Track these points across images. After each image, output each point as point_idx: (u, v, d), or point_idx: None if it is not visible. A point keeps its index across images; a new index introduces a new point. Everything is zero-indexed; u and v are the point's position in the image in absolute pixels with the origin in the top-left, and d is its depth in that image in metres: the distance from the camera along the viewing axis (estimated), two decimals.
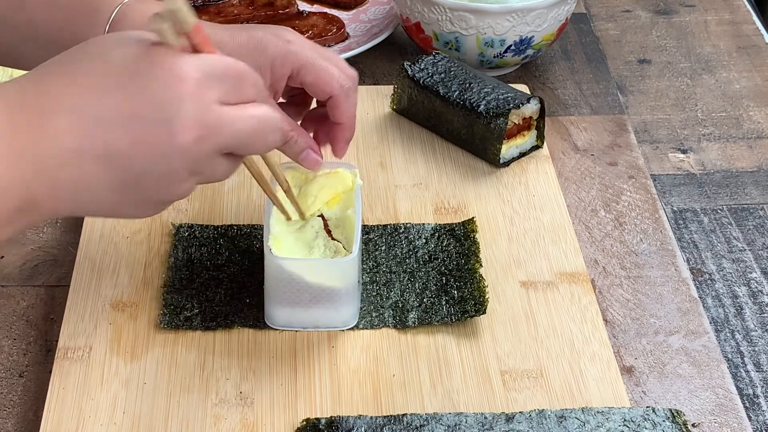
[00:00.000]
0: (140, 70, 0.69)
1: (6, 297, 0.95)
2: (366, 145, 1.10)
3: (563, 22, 1.21)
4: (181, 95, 0.69)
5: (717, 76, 1.26)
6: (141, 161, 0.70)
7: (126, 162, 0.69)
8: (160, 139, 0.69)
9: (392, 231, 0.99)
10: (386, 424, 0.82)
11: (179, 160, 0.70)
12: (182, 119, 0.69)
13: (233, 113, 0.72)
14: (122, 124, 0.69)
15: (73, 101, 0.69)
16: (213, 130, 0.70)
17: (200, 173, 0.73)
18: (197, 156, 0.71)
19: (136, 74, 0.69)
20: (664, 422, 0.83)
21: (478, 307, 0.91)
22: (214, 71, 0.71)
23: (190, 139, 0.69)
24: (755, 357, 0.92)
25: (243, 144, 0.73)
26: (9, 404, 0.87)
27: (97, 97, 0.69)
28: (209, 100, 0.70)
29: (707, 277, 0.99)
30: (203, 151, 0.71)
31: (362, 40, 1.27)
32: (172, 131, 0.69)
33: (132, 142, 0.69)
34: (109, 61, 0.70)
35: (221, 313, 0.91)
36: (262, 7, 1.32)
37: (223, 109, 0.71)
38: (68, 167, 0.69)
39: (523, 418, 0.83)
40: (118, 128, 0.69)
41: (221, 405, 0.85)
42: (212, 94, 0.70)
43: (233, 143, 0.72)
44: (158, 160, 0.70)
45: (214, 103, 0.70)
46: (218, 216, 1.02)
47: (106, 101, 0.69)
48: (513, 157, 1.09)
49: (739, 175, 1.11)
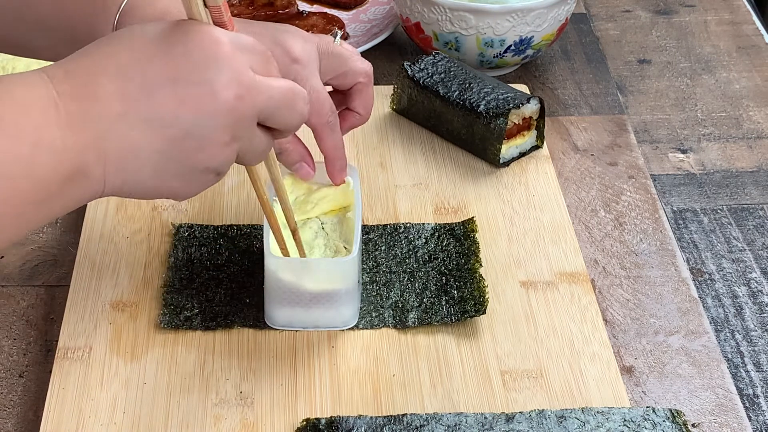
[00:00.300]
0: (177, 38, 0.71)
1: (6, 297, 0.95)
2: (366, 145, 1.10)
3: (563, 22, 1.21)
4: (219, 57, 0.71)
5: (717, 76, 1.26)
6: (186, 121, 0.71)
7: (172, 123, 0.71)
8: (203, 97, 0.71)
9: (392, 231, 0.99)
10: (386, 424, 0.82)
11: (222, 118, 0.72)
12: (222, 78, 0.71)
13: (266, 79, 0.74)
14: (166, 86, 0.70)
15: (117, 66, 0.71)
16: (251, 90, 0.72)
17: (240, 138, 0.74)
18: (238, 116, 0.72)
19: (174, 41, 0.71)
20: (664, 422, 0.83)
21: (478, 307, 0.91)
22: (244, 43, 0.73)
23: (231, 97, 0.71)
24: (755, 357, 0.92)
25: (278, 110, 0.74)
26: (9, 404, 0.87)
27: (140, 63, 0.71)
28: (244, 63, 0.72)
29: (707, 277, 0.99)
30: (243, 111, 0.72)
31: (362, 40, 1.27)
32: (214, 89, 0.71)
33: (177, 103, 0.71)
34: (146, 34, 0.72)
35: (221, 313, 0.92)
36: (262, 7, 1.32)
37: (257, 75, 0.73)
38: (116, 132, 0.70)
39: (523, 418, 0.83)
40: (162, 91, 0.70)
41: (221, 405, 0.85)
42: (246, 60, 0.72)
43: (270, 108, 0.74)
44: (203, 119, 0.71)
45: (248, 68, 0.73)
46: (218, 216, 1.02)
47: (149, 67, 0.71)
48: (513, 157, 1.09)
49: (739, 175, 1.11)
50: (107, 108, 0.70)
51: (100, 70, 0.70)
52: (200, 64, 0.71)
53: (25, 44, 0.92)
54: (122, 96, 0.70)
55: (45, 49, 0.91)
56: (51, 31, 0.89)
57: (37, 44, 0.91)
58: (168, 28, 0.72)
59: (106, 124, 0.70)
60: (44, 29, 0.90)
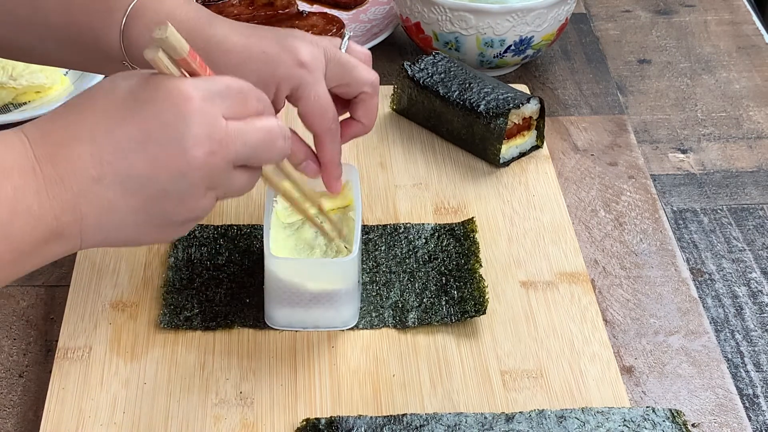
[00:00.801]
0: (146, 96, 0.72)
1: (6, 297, 0.95)
2: (366, 145, 1.10)
3: (563, 22, 1.21)
4: (187, 113, 0.71)
5: (717, 76, 1.26)
6: (160, 181, 0.72)
7: (146, 183, 0.72)
8: (174, 157, 0.71)
9: (392, 231, 0.99)
10: (386, 424, 0.82)
11: (195, 175, 0.72)
12: (192, 135, 0.71)
13: (240, 126, 0.74)
14: (138, 148, 0.71)
15: (89, 131, 0.72)
16: (222, 143, 0.73)
17: (217, 187, 0.75)
18: (212, 170, 0.73)
19: (143, 101, 0.72)
20: (664, 422, 0.83)
21: (478, 308, 0.91)
22: (216, 89, 0.73)
23: (202, 154, 0.72)
24: (755, 357, 0.92)
25: (254, 154, 0.75)
26: (9, 404, 0.87)
27: (111, 125, 0.72)
28: (215, 115, 0.72)
29: (707, 277, 0.99)
30: (217, 164, 0.73)
31: (362, 40, 1.27)
32: (184, 148, 0.71)
33: (149, 164, 0.71)
34: (116, 93, 0.73)
35: (221, 313, 0.92)
36: (262, 7, 1.32)
37: (230, 122, 0.73)
38: (93, 194, 0.71)
39: (523, 418, 0.83)
40: (134, 153, 0.71)
41: (221, 405, 0.85)
42: (217, 110, 0.73)
43: (244, 154, 0.74)
44: (176, 178, 0.72)
45: (220, 118, 0.73)
46: (218, 216, 1.02)
47: (120, 129, 0.71)
48: (513, 157, 1.09)
49: (739, 175, 1.11)
50: (83, 172, 0.71)
51: (74, 134, 0.71)
52: (169, 123, 0.71)
53: (33, 50, 0.93)
54: (96, 160, 0.71)
55: (52, 56, 0.92)
56: (58, 38, 0.90)
57: (45, 50, 0.92)
58: (137, 86, 0.72)
59: (82, 187, 0.71)
60: (52, 36, 0.90)
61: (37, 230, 0.70)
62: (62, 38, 0.90)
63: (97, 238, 0.74)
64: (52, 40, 0.90)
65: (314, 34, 1.27)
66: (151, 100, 0.71)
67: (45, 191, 0.70)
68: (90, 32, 0.88)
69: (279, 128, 0.76)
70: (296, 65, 0.87)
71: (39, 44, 0.91)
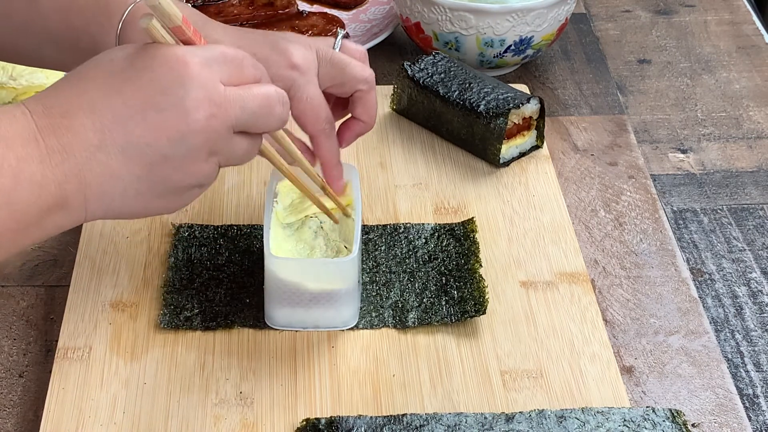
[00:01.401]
0: (143, 64, 0.73)
1: (6, 297, 0.95)
2: (366, 145, 1.10)
3: (563, 22, 1.21)
4: (186, 78, 0.72)
5: (717, 76, 1.26)
6: (161, 146, 0.73)
7: (147, 150, 0.73)
8: (175, 121, 0.72)
9: (392, 231, 0.99)
10: (386, 424, 0.82)
11: (196, 138, 0.73)
12: (191, 99, 0.72)
13: (239, 91, 0.75)
14: (137, 114, 0.72)
15: (89, 101, 0.72)
16: (222, 106, 0.73)
17: (218, 152, 0.75)
18: (212, 133, 0.73)
19: (140, 68, 0.73)
20: (664, 422, 0.83)
21: (478, 308, 0.91)
22: (212, 56, 0.74)
23: (203, 117, 0.72)
24: (755, 357, 0.92)
25: (253, 119, 0.76)
26: (9, 404, 0.87)
27: (110, 94, 0.72)
28: (213, 80, 0.73)
29: (707, 277, 0.99)
30: (217, 128, 0.73)
31: (362, 40, 1.27)
32: (184, 112, 0.72)
33: (150, 130, 0.72)
34: (114, 63, 0.74)
35: (221, 313, 0.92)
36: (262, 7, 1.32)
37: (229, 88, 0.74)
38: (95, 162, 0.72)
39: (523, 418, 0.83)
40: (134, 119, 0.72)
41: (221, 405, 0.85)
42: (215, 75, 0.73)
43: (244, 119, 0.75)
44: (177, 142, 0.73)
45: (219, 83, 0.74)
46: (218, 216, 1.02)
47: (119, 97, 0.72)
48: (513, 157, 1.09)
49: (739, 175, 1.11)
50: (84, 140, 0.72)
51: (75, 105, 0.72)
52: (168, 88, 0.72)
53: (33, 54, 0.93)
54: (97, 128, 0.72)
55: (52, 60, 0.93)
56: (57, 42, 0.91)
57: (44, 54, 0.92)
58: (134, 55, 0.73)
59: (84, 155, 0.72)
60: (51, 40, 0.91)
61: (41, 199, 0.71)
62: (60, 42, 0.90)
63: (102, 209, 0.74)
64: (51, 43, 0.91)
65: (314, 34, 1.27)
66: (149, 67, 0.72)
67: (48, 160, 0.71)
68: (88, 36, 0.89)
69: (277, 94, 0.77)
70: (288, 67, 0.87)
71: (37, 48, 0.92)
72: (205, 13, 1.31)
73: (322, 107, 0.89)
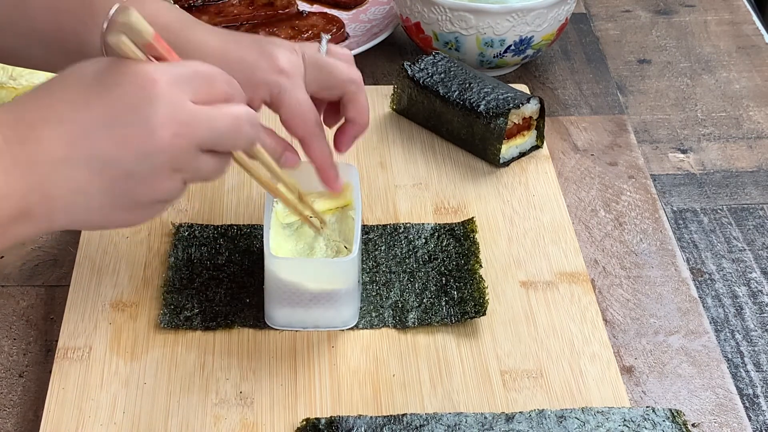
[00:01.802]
0: (112, 80, 0.73)
1: (6, 297, 0.95)
2: (366, 145, 1.10)
3: (563, 22, 1.21)
4: (153, 96, 0.72)
5: (717, 76, 1.26)
6: (126, 162, 0.73)
7: (111, 164, 0.73)
8: (140, 138, 0.72)
9: (392, 231, 0.99)
10: (386, 424, 0.82)
11: (161, 156, 0.73)
12: (158, 117, 0.72)
13: (207, 110, 0.75)
14: (103, 129, 0.72)
15: (57, 115, 0.73)
16: (188, 126, 0.73)
17: (184, 170, 0.75)
18: (177, 152, 0.73)
19: (109, 84, 0.73)
20: (664, 422, 0.83)
21: (478, 309, 0.91)
22: (182, 73, 0.74)
23: (168, 135, 0.73)
24: (755, 357, 0.92)
25: (221, 139, 0.76)
26: (9, 404, 0.87)
27: (78, 108, 0.73)
28: (180, 98, 0.73)
29: (707, 277, 0.99)
30: (182, 146, 0.73)
31: (362, 40, 1.27)
32: (150, 129, 0.72)
33: (116, 145, 0.72)
34: (84, 77, 0.74)
35: (221, 313, 0.92)
36: (262, 7, 1.32)
37: (197, 107, 0.74)
38: (59, 175, 0.72)
39: (523, 418, 0.83)
40: (101, 134, 0.72)
41: (221, 405, 0.85)
42: (183, 94, 0.73)
43: (211, 138, 0.75)
44: (140, 159, 0.73)
45: (187, 101, 0.73)
46: (218, 216, 1.02)
47: (87, 111, 0.73)
48: (513, 157, 1.09)
49: (739, 175, 1.11)
50: (50, 152, 0.72)
51: (43, 117, 0.73)
52: (135, 105, 0.72)
53: (21, 54, 0.93)
54: (63, 142, 0.72)
55: (41, 60, 0.92)
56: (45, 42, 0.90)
57: (33, 55, 0.92)
58: (104, 70, 0.73)
59: (49, 167, 0.72)
60: (39, 40, 0.91)
61: (4, 209, 0.71)
62: (48, 42, 0.90)
63: (66, 219, 0.75)
64: (38, 43, 0.91)
65: (314, 34, 1.27)
66: (117, 83, 0.73)
67: (13, 171, 0.71)
68: (74, 36, 0.89)
69: (246, 115, 0.77)
70: (274, 71, 0.87)
71: (25, 48, 0.92)
72: (205, 13, 1.31)
73: (311, 111, 0.88)
